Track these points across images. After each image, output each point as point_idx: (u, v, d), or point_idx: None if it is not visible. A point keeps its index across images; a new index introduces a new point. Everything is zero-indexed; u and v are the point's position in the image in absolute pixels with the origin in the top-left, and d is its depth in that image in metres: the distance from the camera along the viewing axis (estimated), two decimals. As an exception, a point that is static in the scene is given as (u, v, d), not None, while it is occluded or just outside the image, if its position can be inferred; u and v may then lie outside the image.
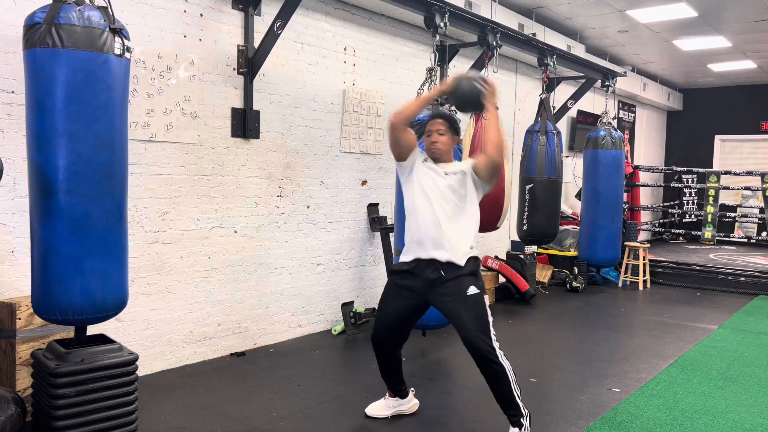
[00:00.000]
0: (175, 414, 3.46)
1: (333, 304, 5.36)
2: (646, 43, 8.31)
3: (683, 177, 10.83)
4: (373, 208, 5.69)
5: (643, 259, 7.89)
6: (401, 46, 5.94)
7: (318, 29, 5.11)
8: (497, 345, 3.04)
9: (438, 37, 4.65)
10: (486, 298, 3.14)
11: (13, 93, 3.38)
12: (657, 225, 11.17)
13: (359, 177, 5.59)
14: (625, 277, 8.04)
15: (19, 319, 3.14)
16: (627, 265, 8.02)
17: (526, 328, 5.68)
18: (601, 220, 6.79)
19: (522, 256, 6.93)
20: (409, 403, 3.53)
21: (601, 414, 3.59)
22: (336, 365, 4.52)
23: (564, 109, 7.57)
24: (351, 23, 5.41)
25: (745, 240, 9.99)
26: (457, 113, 3.88)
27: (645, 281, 7.91)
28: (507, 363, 3.04)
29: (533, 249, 7.24)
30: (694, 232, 9.07)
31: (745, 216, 10.22)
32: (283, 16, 4.31)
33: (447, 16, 4.65)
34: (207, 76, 4.31)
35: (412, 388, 3.60)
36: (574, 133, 9.05)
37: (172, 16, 4.09)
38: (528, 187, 5.88)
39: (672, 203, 11.44)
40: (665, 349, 4.99)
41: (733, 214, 10.00)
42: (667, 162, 12.41)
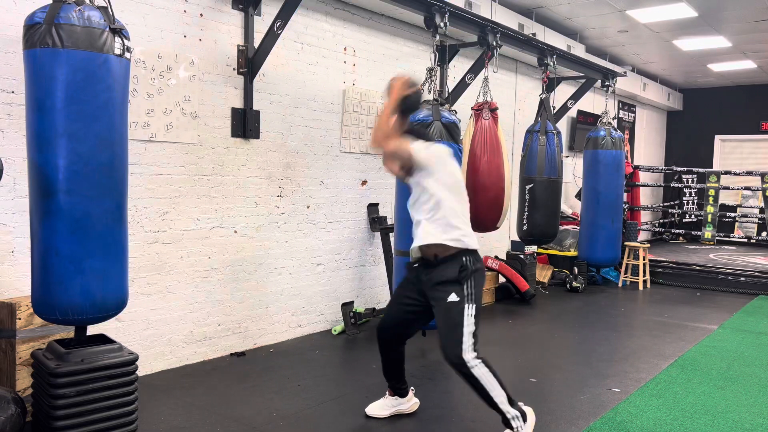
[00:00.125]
0: (175, 414, 3.46)
1: (333, 304, 5.37)
2: (646, 43, 8.30)
3: (683, 177, 10.83)
4: (373, 208, 5.69)
5: (643, 259, 7.89)
6: (401, 46, 5.94)
7: (318, 29, 5.11)
8: (472, 354, 2.97)
9: (438, 37, 4.65)
10: (470, 307, 3.03)
11: (13, 93, 3.38)
12: (657, 225, 11.17)
13: (359, 177, 5.59)
14: (625, 277, 8.04)
15: (19, 319, 3.14)
16: (627, 265, 8.01)
17: (526, 328, 5.68)
18: (601, 220, 6.80)
19: (522, 256, 6.93)
20: (409, 403, 3.53)
21: (601, 414, 3.59)
22: (336, 365, 4.52)
23: (564, 109, 7.57)
24: (351, 23, 5.41)
25: (745, 240, 9.99)
26: (456, 113, 3.90)
27: (645, 281, 7.91)
28: (483, 370, 2.97)
29: (533, 249, 7.23)
30: (694, 232, 9.06)
31: (745, 216, 10.22)
32: (283, 16, 4.31)
33: (447, 16, 4.65)
34: (207, 76, 4.31)
35: (411, 387, 3.60)
36: (574, 133, 9.05)
37: (172, 16, 4.09)
38: (528, 187, 5.88)
39: (672, 203, 11.44)
40: (665, 349, 4.99)
41: (733, 214, 10.00)
42: (667, 162, 12.41)
